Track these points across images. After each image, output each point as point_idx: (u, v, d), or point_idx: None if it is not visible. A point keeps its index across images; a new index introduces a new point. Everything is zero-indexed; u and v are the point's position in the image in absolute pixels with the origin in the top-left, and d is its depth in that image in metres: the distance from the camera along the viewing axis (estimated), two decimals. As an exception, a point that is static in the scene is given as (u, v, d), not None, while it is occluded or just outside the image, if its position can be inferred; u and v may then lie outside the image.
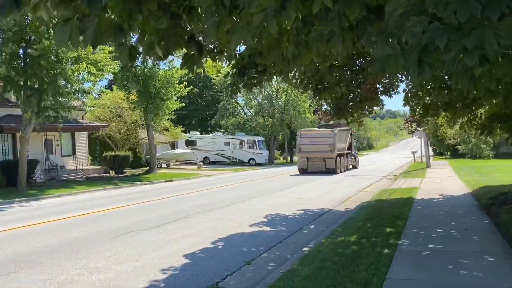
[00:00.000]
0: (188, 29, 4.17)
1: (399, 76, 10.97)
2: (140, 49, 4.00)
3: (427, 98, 11.89)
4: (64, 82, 20.22)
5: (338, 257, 6.64)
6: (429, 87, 10.08)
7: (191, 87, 33.97)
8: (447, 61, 2.65)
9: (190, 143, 45.77)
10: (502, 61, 2.89)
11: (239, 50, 6.03)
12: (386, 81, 12.35)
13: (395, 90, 12.82)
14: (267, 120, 51.47)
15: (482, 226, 8.89)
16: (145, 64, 27.19)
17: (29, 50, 18.98)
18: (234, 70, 6.61)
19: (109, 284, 6.31)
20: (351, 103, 12.77)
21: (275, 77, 8.13)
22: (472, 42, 2.50)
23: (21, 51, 19.05)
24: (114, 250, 8.35)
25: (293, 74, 9.25)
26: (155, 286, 6.27)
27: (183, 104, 34.24)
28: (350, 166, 35.20)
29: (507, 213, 8.93)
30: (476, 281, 5.43)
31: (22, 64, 19.03)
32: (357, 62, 10.82)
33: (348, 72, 11.15)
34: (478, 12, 2.46)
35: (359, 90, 12.03)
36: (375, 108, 13.67)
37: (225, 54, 5.02)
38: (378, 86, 12.71)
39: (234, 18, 3.57)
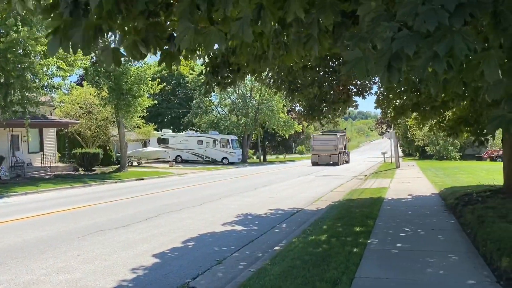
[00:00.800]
0: (167, 27, 4.14)
1: (371, 78, 11.18)
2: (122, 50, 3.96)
3: (398, 101, 12.15)
4: (32, 76, 19.65)
5: (309, 256, 6.71)
6: (399, 90, 10.30)
7: (164, 84, 33.57)
8: (416, 67, 2.72)
9: (162, 141, 45.31)
10: (467, 67, 2.99)
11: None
12: (359, 82, 12.55)
13: (368, 92, 13.06)
14: (241, 119, 51.50)
15: (448, 226, 9.16)
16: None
17: (-5, 42, 18.37)
18: (208, 69, 6.59)
19: (77, 284, 6.18)
20: (324, 104, 12.91)
21: (248, 76, 8.15)
22: (443, 48, 2.57)
23: (-14, 43, 18.42)
24: (82, 250, 8.17)
25: (266, 74, 9.29)
26: (124, 286, 6.18)
27: (156, 102, 33.86)
28: (344, 162, 46.57)
29: (471, 213, 9.22)
30: (442, 279, 5.59)
31: (-12, 57, 18.39)
32: (330, 63, 10.96)
33: (321, 73, 11.27)
34: (446, 20, 2.54)
35: (332, 92, 12.18)
36: (349, 108, 13.86)
37: (198, 53, 4.99)
38: (351, 87, 12.89)
39: (208, 19, 3.56)
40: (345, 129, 62.00)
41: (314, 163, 43.04)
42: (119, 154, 32.30)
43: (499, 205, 9.47)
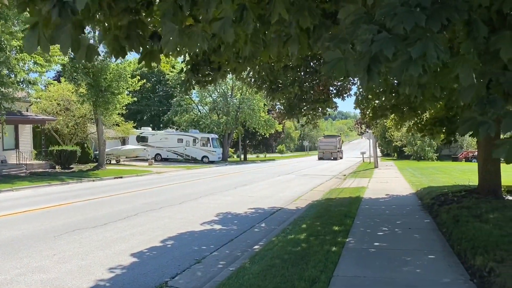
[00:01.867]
0: (148, 24, 4.10)
1: (350, 79, 11.29)
2: (101, 47, 3.92)
3: (376, 102, 12.30)
4: (7, 71, 19.17)
5: (288, 255, 6.74)
6: (378, 91, 10.43)
7: (144, 81, 33.18)
8: (394, 69, 2.76)
9: (141, 139, 44.84)
10: (442, 71, 3.06)
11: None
12: (338, 83, 12.67)
13: (348, 93, 13.19)
14: (222, 117, 51.37)
15: (424, 225, 9.33)
16: (96, 56, 26.23)
17: (-31, 36, 17.87)
18: (188, 66, 6.55)
19: (52, 284, 6.07)
20: (303, 103, 12.99)
21: (230, 74, 8.13)
22: (417, 51, 2.61)
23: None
24: (58, 249, 8.03)
25: (247, 73, 9.28)
26: (101, 285, 6.09)
27: (135, 99, 33.48)
28: (339, 158, 60.26)
29: (447, 212, 9.42)
30: (418, 277, 5.69)
31: (-39, 51, 17.88)
32: (311, 63, 11.03)
33: (302, 73, 11.34)
34: (423, 22, 2.58)
35: (312, 92, 12.26)
36: (328, 109, 13.97)
37: (177, 49, 4.95)
38: (331, 88, 13.01)
39: (191, 18, 3.54)
40: (340, 134, 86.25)
41: (320, 158, 58.67)
42: (97, 152, 31.83)
43: (473, 205, 9.70)
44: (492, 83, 3.47)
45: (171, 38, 3.29)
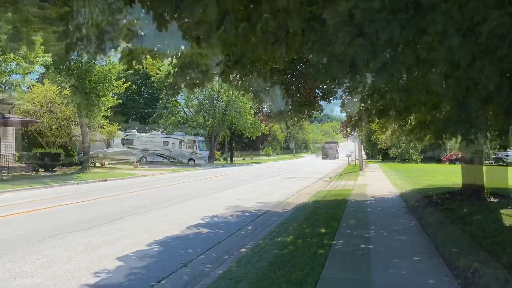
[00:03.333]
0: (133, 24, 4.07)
1: (336, 82, 11.33)
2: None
3: (362, 105, 12.38)
4: (-11, 73, 18.86)
5: (275, 258, 6.75)
6: (363, 94, 10.50)
7: (129, 83, 32.90)
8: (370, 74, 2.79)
9: (126, 142, 44.44)
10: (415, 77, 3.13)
11: (181, 49, 5.95)
12: (325, 86, 12.73)
13: (334, 96, 13.26)
14: (208, 120, 51.25)
15: (409, 227, 9.42)
16: (80, 58, 25.98)
17: (-51, 37, 17.49)
18: (176, 69, 6.51)
19: (36, 290, 5.96)
20: (290, 107, 13.02)
21: (217, 77, 8.11)
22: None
23: None
24: (42, 253, 7.89)
25: (234, 75, 9.26)
26: (86, 290, 6.01)
27: (120, 101, 33.19)
28: (337, 158, 74.15)
29: (431, 214, 9.54)
30: (404, 278, 5.75)
31: None
32: (297, 67, 11.06)
33: (288, 76, 11.37)
34: (398, 34, 2.60)
35: (299, 95, 12.30)
36: (314, 112, 14.02)
37: (167, 52, 4.93)
38: (317, 91, 13.07)
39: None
40: (336, 139, 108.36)
41: (324, 158, 75.02)
42: (82, 155, 31.44)
43: (457, 207, 9.84)
44: (471, 86, 3.53)
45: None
